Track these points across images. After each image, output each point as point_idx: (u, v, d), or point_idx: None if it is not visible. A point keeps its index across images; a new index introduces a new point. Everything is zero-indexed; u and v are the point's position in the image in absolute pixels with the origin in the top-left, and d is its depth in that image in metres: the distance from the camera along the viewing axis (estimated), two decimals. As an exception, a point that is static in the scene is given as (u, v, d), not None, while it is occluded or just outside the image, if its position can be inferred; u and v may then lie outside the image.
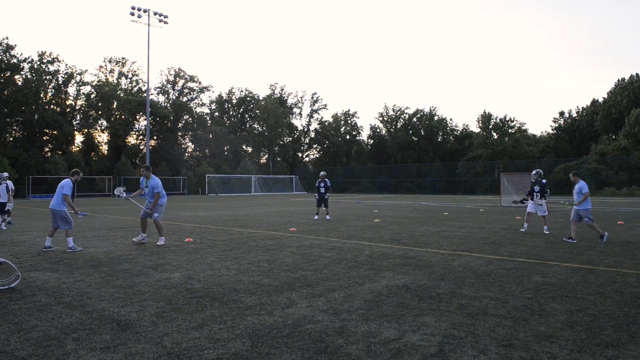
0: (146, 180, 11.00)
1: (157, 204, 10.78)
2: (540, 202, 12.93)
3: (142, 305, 5.47)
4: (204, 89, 74.77)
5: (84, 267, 7.87)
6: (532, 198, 13.12)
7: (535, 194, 13.05)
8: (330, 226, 14.92)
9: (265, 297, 5.80)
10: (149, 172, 11.10)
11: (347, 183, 66.75)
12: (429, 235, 12.21)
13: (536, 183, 13.14)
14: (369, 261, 8.41)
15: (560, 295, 5.92)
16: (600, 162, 49.76)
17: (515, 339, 4.30)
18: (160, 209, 10.95)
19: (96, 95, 62.65)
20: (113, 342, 4.24)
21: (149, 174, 11.03)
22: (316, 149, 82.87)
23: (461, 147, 70.27)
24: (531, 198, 13.16)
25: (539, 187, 13.06)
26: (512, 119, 63.82)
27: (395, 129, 75.41)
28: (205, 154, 73.19)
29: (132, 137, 67.15)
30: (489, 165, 58.51)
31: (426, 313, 5.13)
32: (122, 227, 14.93)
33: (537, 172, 13.31)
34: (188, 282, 6.71)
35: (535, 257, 8.77)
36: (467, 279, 6.90)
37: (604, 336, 4.39)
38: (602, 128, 61.24)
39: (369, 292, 6.09)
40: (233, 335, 4.41)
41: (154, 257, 8.86)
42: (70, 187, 10.05)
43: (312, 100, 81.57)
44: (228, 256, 8.98)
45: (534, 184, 13.19)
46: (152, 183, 10.92)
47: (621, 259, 8.61)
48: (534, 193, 13.13)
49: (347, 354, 3.94)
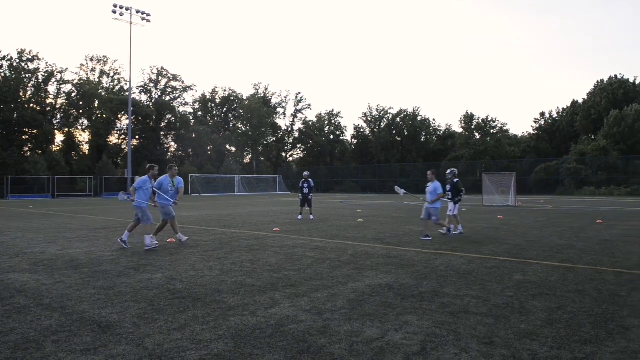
0: (172, 179, 10.74)
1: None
2: (449, 199, 12.75)
3: (123, 306, 5.41)
4: (187, 88, 74.22)
5: (63, 269, 7.76)
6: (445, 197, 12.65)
7: (447, 193, 12.80)
8: (314, 226, 14.92)
9: (248, 298, 5.78)
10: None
11: (330, 183, 66.81)
12: (412, 235, 12.29)
13: (448, 182, 12.93)
14: (352, 261, 8.43)
15: (540, 293, 6.00)
16: (580, 162, 50.52)
17: (496, 337, 4.34)
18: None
19: (77, 94, 61.78)
20: (93, 344, 4.19)
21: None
22: (300, 148, 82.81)
23: (444, 147, 70.79)
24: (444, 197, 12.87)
25: (449, 187, 12.84)
26: (494, 120, 64.57)
27: (378, 129, 75.68)
28: (189, 154, 72.68)
29: (113, 136, 66.43)
30: (471, 165, 59.03)
31: (409, 312, 5.16)
32: (104, 227, 14.75)
33: (452, 172, 13.10)
34: (170, 282, 6.65)
35: (516, 256, 8.88)
36: (450, 277, 6.96)
37: (583, 333, 4.46)
38: (582, 128, 62.22)
39: (352, 291, 6.11)
40: (215, 335, 4.39)
41: (135, 258, 8.77)
42: (143, 180, 10.19)
43: (296, 100, 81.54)
44: (211, 256, 8.93)
45: (447, 183, 12.97)
46: (178, 181, 10.88)
47: (600, 257, 8.75)
48: (446, 192, 12.85)
49: (330, 353, 3.95)
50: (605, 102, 59.58)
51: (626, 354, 3.93)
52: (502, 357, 3.86)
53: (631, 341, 4.24)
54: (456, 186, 12.83)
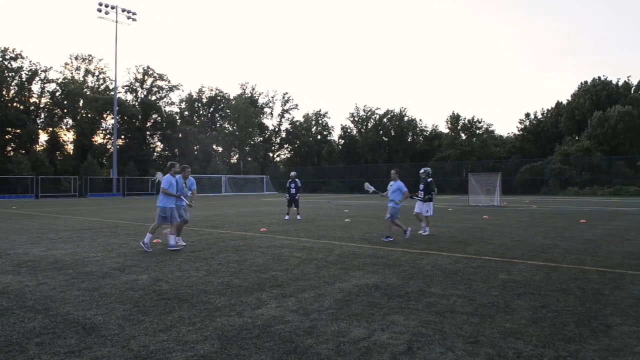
0: (185, 180, 10.67)
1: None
2: (419, 198, 12.70)
3: (108, 308, 5.36)
4: (173, 87, 73.52)
5: (47, 270, 7.67)
6: (417, 197, 12.84)
7: (420, 192, 12.78)
8: (301, 226, 14.92)
9: (235, 298, 5.76)
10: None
11: (318, 183, 66.81)
12: (398, 235, 12.32)
13: (422, 181, 12.85)
14: (339, 261, 8.44)
15: (525, 292, 6.06)
16: (564, 162, 51.11)
17: (481, 336, 4.38)
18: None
19: (61, 93, 60.98)
20: (78, 346, 4.14)
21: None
22: (287, 148, 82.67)
23: (430, 148, 71.15)
24: (416, 197, 12.87)
25: (423, 186, 12.77)
26: (480, 120, 65.00)
27: (365, 129, 75.85)
28: (175, 154, 72.12)
29: (98, 136, 65.69)
30: (457, 165, 59.43)
31: (395, 312, 5.18)
32: (88, 228, 14.60)
33: (425, 171, 12.99)
34: (156, 283, 6.61)
35: (501, 256, 8.96)
36: (436, 277, 7.00)
37: (566, 331, 4.51)
38: (566, 129, 62.99)
39: (339, 291, 6.12)
40: (202, 337, 4.37)
41: (120, 259, 8.69)
42: (167, 181, 9.99)
43: (284, 100, 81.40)
44: (197, 257, 8.88)
45: (421, 182, 12.91)
46: (191, 182, 10.87)
47: (583, 256, 8.86)
48: (418, 191, 12.90)
49: (316, 353, 3.95)
50: (589, 103, 60.38)
51: (609, 352, 3.99)
52: (487, 356, 3.89)
53: (614, 339, 4.31)
54: (429, 186, 12.74)
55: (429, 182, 12.77)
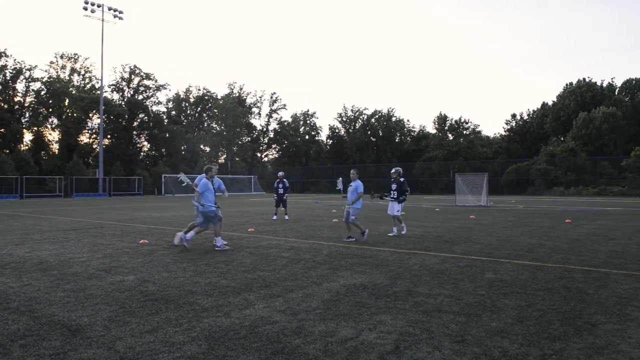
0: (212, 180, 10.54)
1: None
2: (391, 199, 12.44)
3: (93, 309, 5.31)
4: (160, 87, 73.03)
5: (32, 271, 7.58)
6: (390, 197, 12.56)
7: (392, 192, 12.46)
8: (289, 226, 14.90)
9: (222, 299, 5.74)
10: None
11: (306, 183, 66.79)
12: (385, 235, 12.36)
13: (394, 181, 12.51)
14: (327, 261, 8.45)
15: (511, 291, 6.11)
16: (550, 162, 51.65)
17: (468, 335, 4.41)
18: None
19: (46, 92, 60.28)
20: (63, 348, 4.10)
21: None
22: (275, 149, 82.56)
23: (418, 148, 71.47)
24: (388, 197, 12.64)
25: (395, 186, 12.44)
26: (467, 121, 65.49)
27: (353, 129, 76.00)
28: (162, 154, 71.71)
29: (84, 135, 65.10)
30: (444, 166, 59.78)
31: (383, 311, 5.19)
32: (74, 228, 14.45)
33: (396, 171, 12.62)
34: (142, 284, 6.56)
35: (488, 255, 9.03)
36: (423, 277, 7.03)
37: (552, 330, 4.56)
38: (552, 130, 63.72)
39: (326, 291, 6.12)
40: (189, 338, 4.35)
41: (106, 260, 8.61)
42: (202, 183, 9.94)
43: (271, 100, 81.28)
44: (184, 258, 8.83)
45: (392, 182, 12.56)
46: (218, 182, 10.70)
47: (568, 255, 8.96)
48: (390, 191, 12.56)
49: (304, 354, 3.95)
50: (574, 104, 61.13)
51: (593, 350, 4.04)
52: (473, 355, 3.92)
53: (598, 337, 4.36)
54: (402, 186, 12.47)
55: (401, 182, 12.48)
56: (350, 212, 11.32)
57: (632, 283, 6.60)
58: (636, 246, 10.22)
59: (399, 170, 12.69)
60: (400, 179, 12.50)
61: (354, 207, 11.33)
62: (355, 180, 11.48)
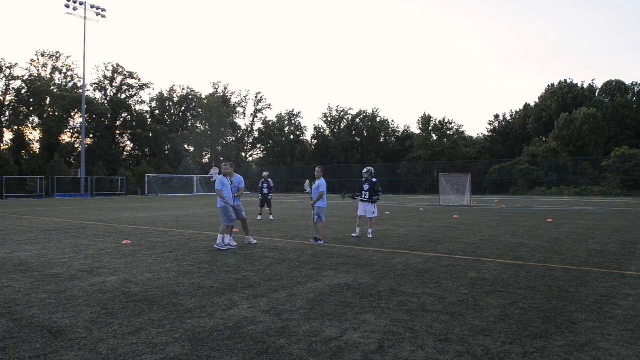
0: (231, 178, 10.47)
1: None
2: (364, 199, 12.09)
3: (75, 310, 5.24)
4: (143, 85, 72.35)
5: (12, 272, 7.45)
6: (361, 197, 12.17)
7: (364, 193, 12.10)
8: (274, 226, 14.87)
9: (206, 299, 5.70)
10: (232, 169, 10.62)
11: (290, 183, 66.70)
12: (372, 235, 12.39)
13: (366, 181, 12.19)
14: (311, 261, 8.45)
15: (493, 290, 6.18)
16: (532, 163, 52.33)
17: (451, 334, 4.44)
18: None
19: (27, 90, 59.35)
20: (44, 350, 4.04)
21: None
22: (260, 148, 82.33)
23: (402, 148, 71.85)
24: (360, 197, 12.21)
25: (368, 186, 12.08)
26: (451, 121, 65.92)
27: (338, 129, 76.14)
28: (145, 153, 71.05)
29: (66, 135, 64.28)
30: (428, 166, 60.16)
31: (367, 311, 5.21)
32: (55, 229, 14.24)
33: (368, 170, 12.36)
34: (125, 285, 6.49)
35: (471, 254, 9.11)
36: (407, 276, 7.07)
37: (533, 328, 4.62)
38: (534, 131, 64.57)
39: (311, 291, 6.12)
40: (172, 339, 4.31)
41: (88, 261, 8.51)
42: (219, 181, 10.03)
43: (256, 99, 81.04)
44: (168, 258, 8.77)
45: (364, 182, 12.23)
46: (238, 180, 10.68)
47: (550, 254, 9.08)
48: (363, 192, 12.17)
49: (288, 354, 3.95)
50: (556, 105, 62.03)
51: (574, 347, 4.10)
52: (457, 353, 3.95)
53: (578, 334, 4.43)
54: (374, 186, 12.11)
55: (374, 182, 12.14)
56: (314, 211, 11.09)
57: (612, 281, 6.72)
58: (615, 245, 10.40)
59: (370, 169, 12.43)
60: (373, 179, 12.23)
61: (318, 205, 11.04)
62: (320, 179, 11.22)
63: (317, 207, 11.04)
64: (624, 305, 5.44)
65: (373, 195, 12.09)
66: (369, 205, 12.08)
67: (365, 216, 12.13)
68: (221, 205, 10.06)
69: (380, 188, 12.36)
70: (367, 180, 12.22)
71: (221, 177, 10.20)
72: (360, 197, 12.23)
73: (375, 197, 12.14)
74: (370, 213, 12.07)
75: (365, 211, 12.09)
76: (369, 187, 12.09)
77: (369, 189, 12.09)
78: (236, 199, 10.57)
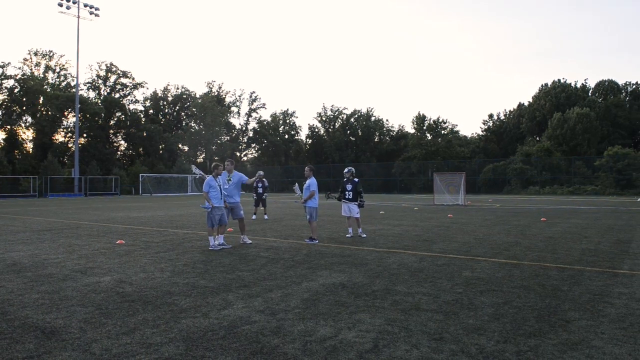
0: (229, 175, 10.40)
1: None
2: (344, 200, 11.96)
3: (69, 311, 5.22)
4: (137, 85, 72.05)
5: (5, 272, 7.41)
6: (344, 198, 12.00)
7: (347, 193, 11.93)
8: (268, 226, 14.86)
9: (201, 299, 5.69)
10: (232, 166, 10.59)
11: (285, 183, 66.64)
12: (365, 234, 12.40)
13: (348, 182, 12.00)
14: (306, 260, 8.45)
15: (488, 289, 6.19)
16: (526, 162, 52.55)
17: (446, 333, 4.45)
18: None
19: (20, 89, 59.02)
20: (37, 351, 4.02)
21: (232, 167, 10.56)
22: (254, 148, 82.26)
23: (397, 148, 72.00)
24: (343, 198, 12.03)
25: (351, 186, 11.92)
26: (445, 121, 66.13)
27: (333, 129, 76.20)
28: (139, 153, 70.79)
29: (59, 134, 63.93)
30: (423, 165, 60.29)
31: (362, 310, 5.21)
32: (48, 229, 14.17)
33: (349, 170, 12.09)
34: (119, 285, 6.47)
35: (465, 254, 9.14)
36: (401, 275, 7.08)
37: (527, 327, 4.63)
38: (528, 130, 64.85)
39: (305, 291, 6.12)
40: (166, 339, 4.30)
41: (82, 261, 8.47)
42: (207, 183, 9.91)
43: (251, 99, 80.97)
44: (162, 258, 8.74)
45: (346, 182, 12.04)
46: (237, 177, 10.62)
47: (544, 253, 9.12)
48: (345, 192, 11.98)
49: (283, 353, 3.94)
50: (549, 105, 62.34)
51: (567, 346, 4.12)
52: (451, 352, 3.96)
53: (572, 333, 4.45)
54: (357, 186, 11.96)
55: (356, 182, 11.98)
56: (306, 211, 11.07)
57: (605, 280, 6.75)
58: (609, 244, 10.45)
59: (351, 170, 12.15)
60: (355, 179, 12.05)
61: (308, 205, 11.02)
62: (310, 178, 11.20)
63: (309, 206, 11.02)
64: (617, 304, 5.47)
65: (356, 195, 11.93)
66: (353, 206, 11.92)
67: (351, 216, 12.03)
68: (206, 206, 9.96)
69: (362, 188, 12.18)
70: (348, 180, 12.04)
71: (210, 178, 10.03)
72: (343, 199, 12.04)
73: (361, 199, 11.99)
74: (355, 213, 11.93)
75: (350, 210, 11.94)
76: (352, 187, 11.94)
77: (352, 188, 11.94)
78: (236, 197, 10.58)
